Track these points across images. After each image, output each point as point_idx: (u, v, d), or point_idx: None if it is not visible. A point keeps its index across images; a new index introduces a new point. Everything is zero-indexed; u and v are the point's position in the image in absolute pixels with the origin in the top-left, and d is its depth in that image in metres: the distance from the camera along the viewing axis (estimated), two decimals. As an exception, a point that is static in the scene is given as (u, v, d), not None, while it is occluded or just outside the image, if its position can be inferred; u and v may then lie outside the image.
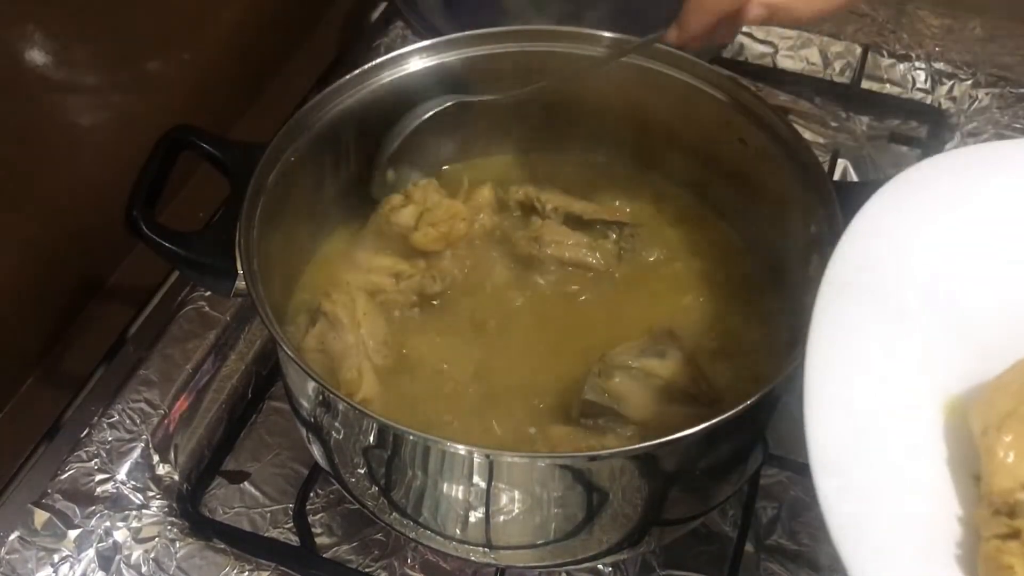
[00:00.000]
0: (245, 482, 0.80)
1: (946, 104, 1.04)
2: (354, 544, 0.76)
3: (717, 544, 0.75)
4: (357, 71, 0.76)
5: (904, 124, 1.04)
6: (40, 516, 0.74)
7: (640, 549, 0.72)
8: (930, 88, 1.05)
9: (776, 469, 0.78)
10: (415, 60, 0.77)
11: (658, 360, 0.68)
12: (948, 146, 0.99)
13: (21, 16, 0.74)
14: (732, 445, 0.64)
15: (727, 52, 1.07)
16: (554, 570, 0.73)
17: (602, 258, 0.78)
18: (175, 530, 0.75)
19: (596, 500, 0.62)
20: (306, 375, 0.61)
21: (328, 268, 0.78)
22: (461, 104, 0.79)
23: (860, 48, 1.07)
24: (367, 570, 0.74)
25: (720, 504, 0.72)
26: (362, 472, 0.66)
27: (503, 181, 0.82)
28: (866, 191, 0.61)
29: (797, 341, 0.65)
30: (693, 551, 0.74)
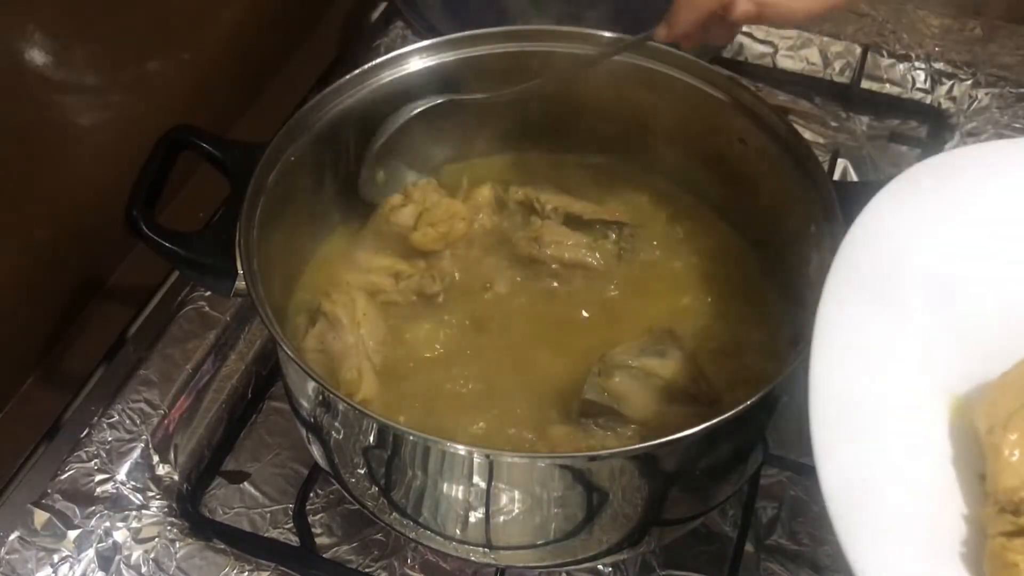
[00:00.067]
0: (245, 482, 0.80)
1: (946, 104, 1.04)
2: (354, 544, 0.76)
3: (717, 544, 0.75)
4: (357, 71, 0.76)
5: (904, 124, 1.04)
6: (40, 516, 0.74)
7: (640, 549, 0.72)
8: (930, 88, 1.05)
9: (776, 469, 0.78)
10: (415, 60, 0.77)
11: (658, 360, 0.68)
12: (948, 146, 0.99)
13: (21, 16, 0.74)
14: (732, 445, 0.64)
15: (727, 52, 1.07)
16: (554, 570, 0.73)
17: (602, 258, 0.78)
18: (175, 530, 0.75)
19: (596, 500, 0.62)
20: (306, 375, 0.61)
21: (328, 268, 0.78)
22: (460, 104, 0.79)
23: (860, 48, 1.07)
24: (367, 570, 0.74)
25: (720, 504, 0.72)
26: (362, 472, 0.66)
27: (503, 181, 0.82)
28: (866, 191, 0.61)
29: (797, 341, 0.65)
30: (693, 551, 0.74)
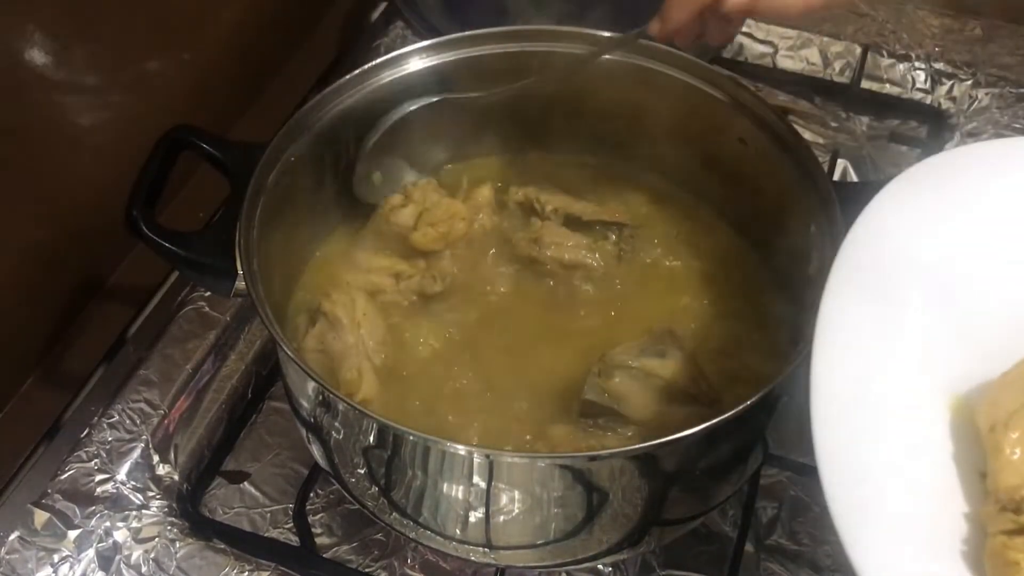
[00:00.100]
0: (245, 482, 0.80)
1: (946, 104, 1.04)
2: (354, 544, 0.76)
3: (717, 544, 0.75)
4: (357, 71, 0.76)
5: (904, 124, 1.04)
6: (40, 516, 0.74)
7: (640, 549, 0.72)
8: (930, 88, 1.05)
9: (776, 469, 0.78)
10: (415, 60, 0.77)
11: (658, 360, 0.68)
12: (948, 146, 0.99)
13: (21, 16, 0.74)
14: (732, 445, 0.64)
15: (727, 52, 1.07)
16: (554, 570, 0.73)
17: (602, 259, 0.78)
18: (175, 530, 0.75)
19: (596, 500, 0.62)
20: (306, 375, 0.61)
21: (328, 268, 0.78)
22: (457, 103, 0.79)
23: (860, 48, 1.07)
24: (367, 570, 0.74)
25: (720, 504, 0.72)
26: (362, 472, 0.66)
27: (503, 181, 0.82)
28: (866, 191, 0.61)
29: (797, 341, 0.65)
30: (693, 551, 0.74)
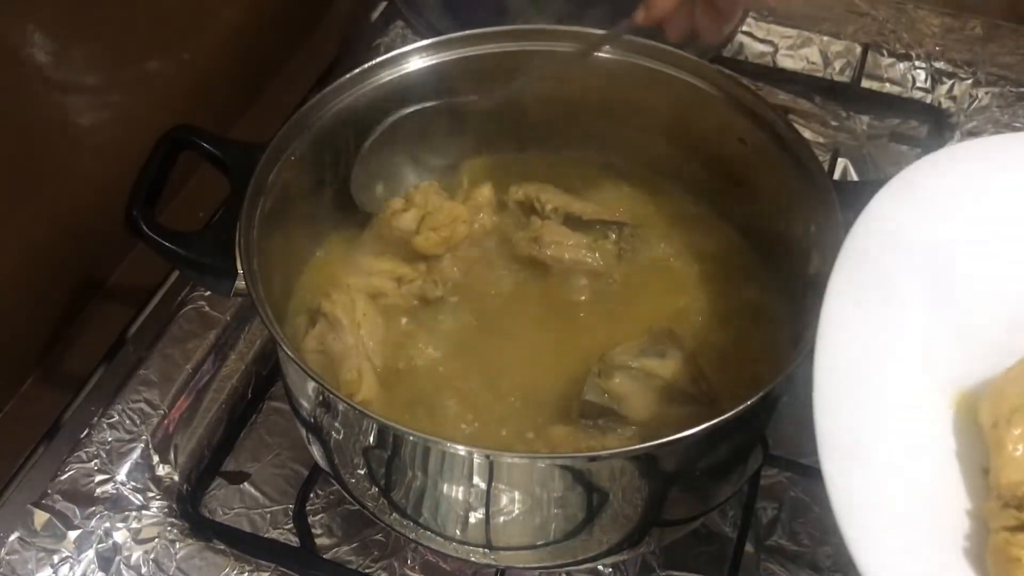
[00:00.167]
0: (245, 482, 0.79)
1: (946, 103, 1.04)
2: (354, 545, 0.76)
3: (717, 544, 0.75)
4: (357, 71, 0.76)
5: (904, 123, 1.04)
6: (40, 516, 0.74)
7: (640, 550, 0.72)
8: (930, 87, 1.05)
9: (776, 469, 0.78)
10: (415, 60, 0.77)
11: (658, 360, 0.68)
12: (948, 145, 0.99)
13: (21, 16, 0.74)
14: (732, 445, 0.64)
15: (727, 52, 1.07)
16: (554, 571, 0.73)
17: (602, 258, 0.78)
18: (175, 531, 0.74)
19: (596, 501, 0.62)
20: (306, 375, 0.61)
21: (328, 268, 0.78)
22: (456, 107, 0.79)
23: (860, 47, 1.07)
24: (367, 571, 0.74)
25: (720, 504, 0.72)
26: (362, 472, 0.66)
27: (503, 181, 0.82)
28: (866, 191, 0.61)
29: (798, 340, 0.65)
30: (693, 551, 0.74)
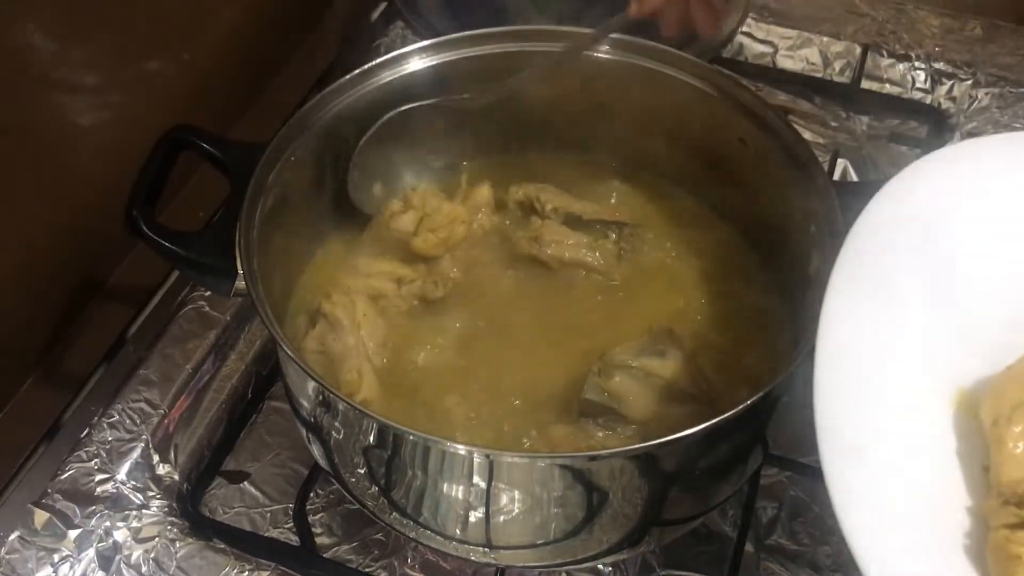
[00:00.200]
0: (245, 482, 0.79)
1: (946, 104, 1.04)
2: (354, 544, 0.76)
3: (717, 544, 0.75)
4: (357, 71, 0.76)
5: (904, 124, 1.04)
6: (40, 516, 0.74)
7: (640, 549, 0.72)
8: (930, 88, 1.05)
9: (776, 469, 0.78)
10: (415, 60, 0.77)
11: (658, 360, 0.68)
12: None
13: (21, 16, 0.74)
14: (732, 445, 0.64)
15: (727, 52, 1.07)
16: (554, 570, 0.73)
17: (602, 258, 0.78)
18: (175, 530, 0.74)
19: (596, 500, 0.62)
20: (306, 375, 0.61)
21: (328, 269, 0.78)
22: (453, 106, 0.78)
23: (860, 48, 1.07)
24: (367, 570, 0.74)
25: (720, 504, 0.72)
26: (362, 472, 0.66)
27: (503, 181, 0.82)
28: (866, 191, 0.61)
29: (797, 341, 0.65)
30: (693, 551, 0.74)
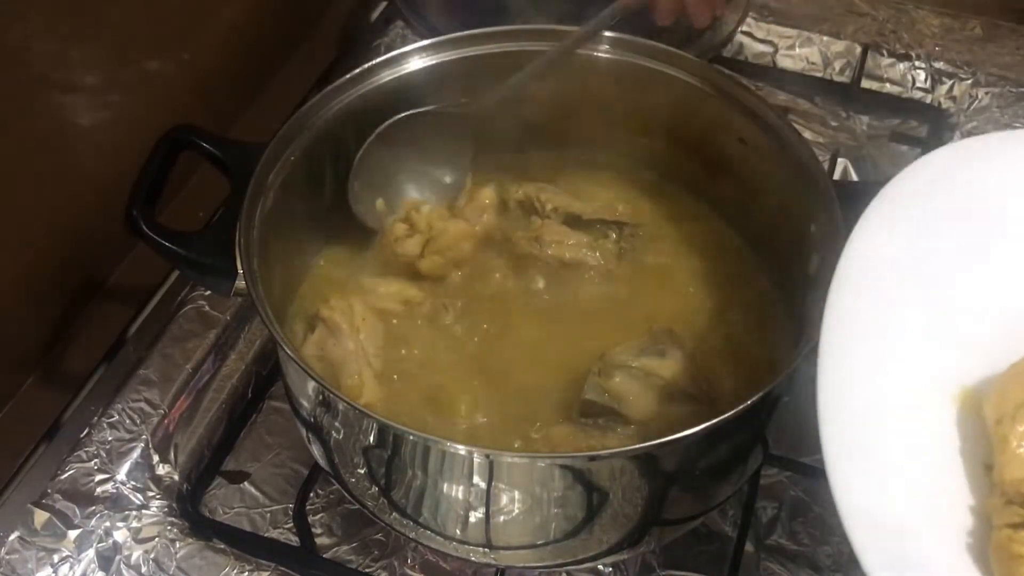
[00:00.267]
0: (245, 482, 0.79)
1: (946, 103, 1.04)
2: (354, 544, 0.76)
3: (717, 544, 0.75)
4: (357, 71, 0.76)
5: (904, 124, 1.04)
6: (40, 516, 0.74)
7: (640, 549, 0.72)
8: (930, 87, 1.05)
9: (776, 469, 0.78)
10: (415, 60, 0.77)
11: (658, 360, 0.68)
12: (948, 146, 0.99)
13: (21, 16, 0.74)
14: (732, 445, 0.64)
15: (727, 52, 1.07)
16: (554, 570, 0.73)
17: (602, 258, 0.78)
18: (175, 530, 0.74)
19: (596, 500, 0.62)
20: (306, 375, 0.61)
21: (328, 269, 0.78)
22: (457, 105, 0.78)
23: (860, 48, 1.07)
24: (367, 570, 0.74)
25: (720, 504, 0.72)
26: (362, 472, 0.66)
27: (503, 181, 0.82)
28: (866, 191, 0.61)
29: (797, 340, 0.65)
30: (693, 551, 0.74)
